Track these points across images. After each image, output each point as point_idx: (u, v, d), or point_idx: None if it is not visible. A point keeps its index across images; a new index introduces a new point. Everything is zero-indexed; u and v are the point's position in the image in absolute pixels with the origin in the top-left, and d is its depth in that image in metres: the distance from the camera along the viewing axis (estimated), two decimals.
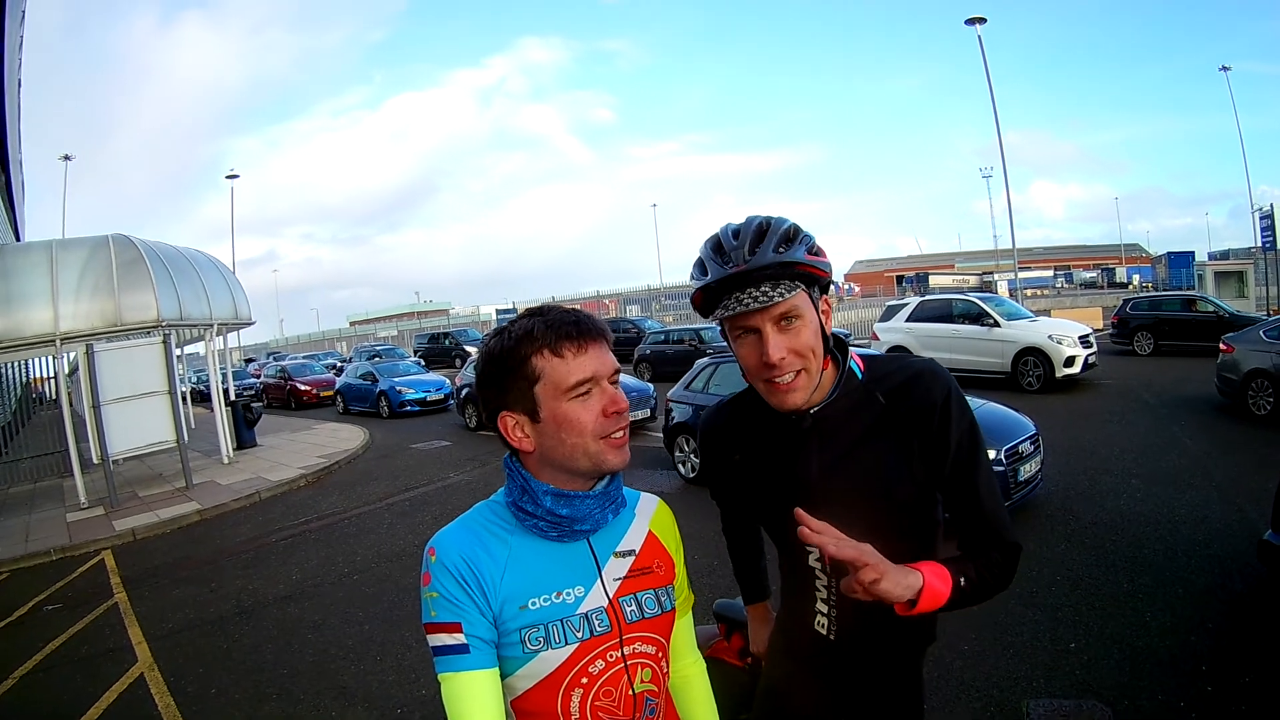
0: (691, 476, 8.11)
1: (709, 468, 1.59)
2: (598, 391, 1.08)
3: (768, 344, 1.23)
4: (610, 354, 1.11)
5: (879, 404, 1.32)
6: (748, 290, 1.22)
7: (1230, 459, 6.97)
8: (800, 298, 1.24)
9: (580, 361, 1.07)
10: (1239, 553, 4.65)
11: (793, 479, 1.36)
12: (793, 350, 1.24)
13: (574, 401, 1.07)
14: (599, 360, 1.08)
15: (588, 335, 1.08)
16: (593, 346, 1.08)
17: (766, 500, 1.43)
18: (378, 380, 17.80)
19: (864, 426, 1.32)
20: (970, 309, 13.39)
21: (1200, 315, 15.13)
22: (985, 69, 24.80)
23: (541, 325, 1.08)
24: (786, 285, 1.22)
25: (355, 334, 58.19)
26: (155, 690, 4.18)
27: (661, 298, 40.38)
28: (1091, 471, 6.94)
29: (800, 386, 1.26)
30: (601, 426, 1.07)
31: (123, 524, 8.32)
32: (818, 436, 1.34)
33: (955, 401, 1.29)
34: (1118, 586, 4.40)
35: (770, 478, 1.40)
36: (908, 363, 1.37)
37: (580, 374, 1.06)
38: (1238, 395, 8.98)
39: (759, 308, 1.21)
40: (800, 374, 1.26)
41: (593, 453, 1.08)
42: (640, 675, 1.15)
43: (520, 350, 1.08)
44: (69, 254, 10.13)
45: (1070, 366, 11.70)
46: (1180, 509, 5.65)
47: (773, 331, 1.23)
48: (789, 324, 1.24)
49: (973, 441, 1.30)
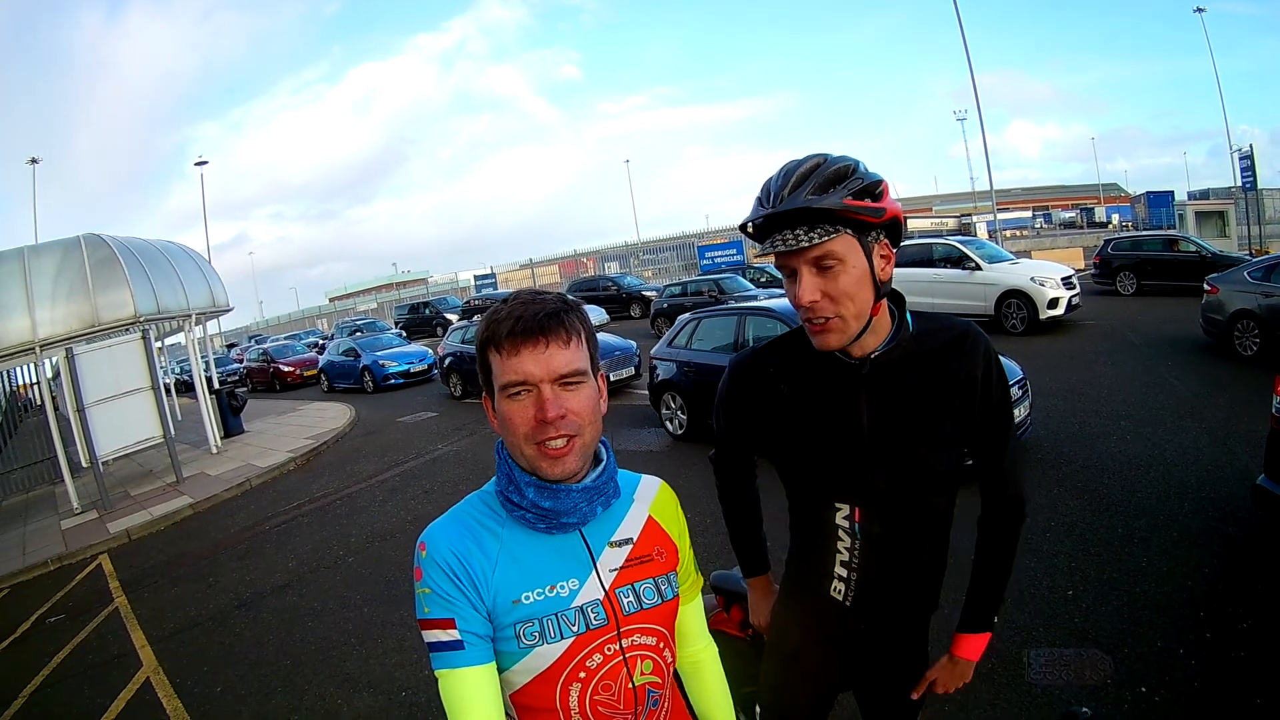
0: (679, 433, 8.03)
1: (743, 410, 1.50)
2: (532, 396, 1.02)
3: (800, 285, 1.24)
4: (560, 355, 1.02)
5: (926, 359, 1.34)
6: (784, 232, 1.23)
7: (1219, 399, 7.02)
8: (841, 242, 1.22)
9: (513, 363, 1.01)
10: (1232, 495, 4.68)
11: (842, 423, 1.35)
12: (826, 294, 1.23)
13: (509, 401, 1.03)
14: (535, 362, 1.01)
15: (524, 335, 1.01)
16: (530, 348, 1.01)
17: (808, 440, 1.40)
18: (360, 355, 17.60)
19: (912, 379, 1.33)
20: (951, 252, 13.33)
21: (1183, 255, 15.17)
22: (956, 9, 24.48)
23: (491, 317, 1.05)
24: (825, 229, 1.21)
25: (335, 310, 57.50)
26: (163, 694, 4.17)
27: (640, 253, 39.78)
28: (1080, 414, 6.98)
29: (834, 329, 1.26)
30: (532, 432, 1.02)
31: (117, 526, 8.25)
32: (871, 383, 1.33)
33: (995, 365, 1.35)
34: (1113, 532, 4.43)
35: (817, 418, 1.38)
36: (952, 321, 1.39)
37: (511, 375, 1.02)
38: (1224, 335, 9.04)
39: (790, 250, 1.22)
40: (835, 319, 1.25)
41: (528, 456, 1.04)
42: (640, 667, 1.12)
43: (479, 338, 1.06)
44: (41, 259, 9.91)
45: (1054, 308, 11.73)
46: (1171, 451, 5.69)
47: (808, 274, 1.24)
48: (825, 268, 1.22)
49: (1006, 403, 1.36)
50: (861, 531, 1.38)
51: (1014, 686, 3.07)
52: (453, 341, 14.15)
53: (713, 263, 29.56)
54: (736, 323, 7.77)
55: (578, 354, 1.04)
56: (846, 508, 1.38)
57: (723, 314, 8.28)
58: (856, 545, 1.39)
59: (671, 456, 7.31)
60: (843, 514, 1.39)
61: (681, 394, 7.98)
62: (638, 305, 23.54)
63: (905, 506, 1.36)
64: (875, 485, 1.35)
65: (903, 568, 1.40)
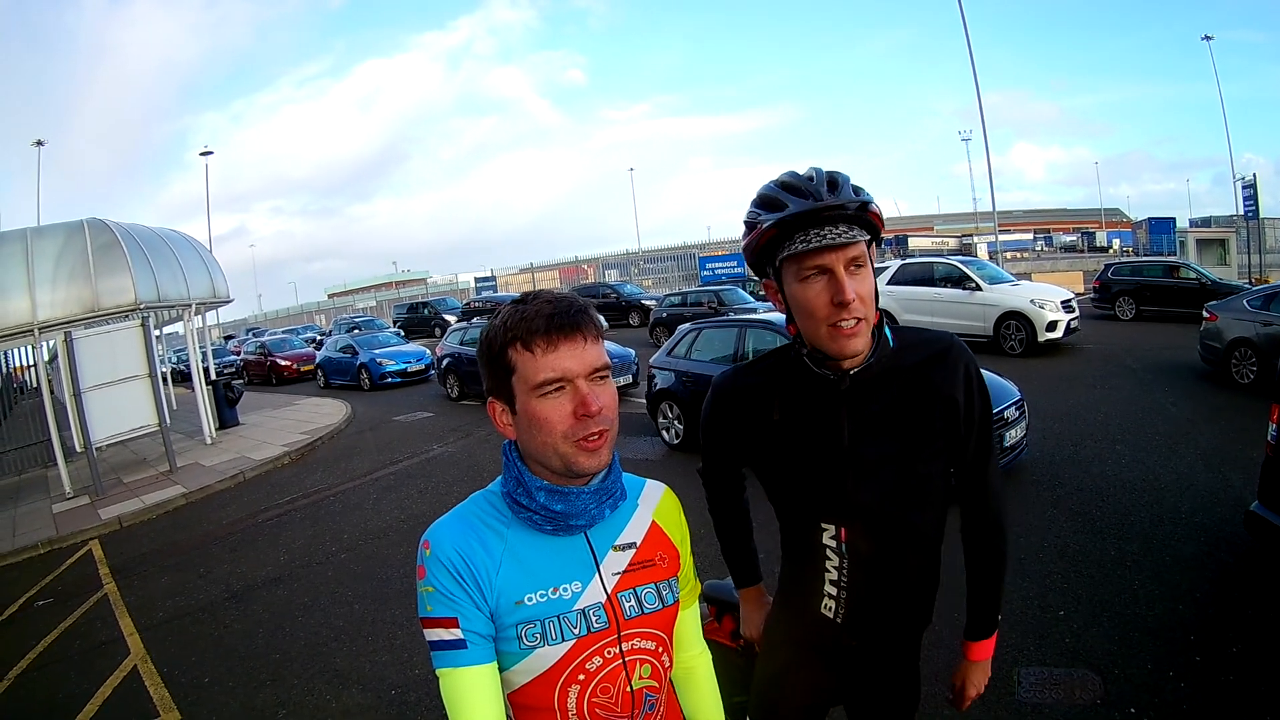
0: (676, 443, 8.07)
1: (727, 431, 1.50)
2: (569, 391, 1.01)
3: (843, 283, 1.21)
4: (593, 349, 1.03)
5: (906, 374, 1.33)
6: (826, 228, 1.21)
7: (1215, 426, 7.04)
8: (865, 246, 1.24)
9: (549, 359, 1.00)
10: (1225, 521, 4.70)
11: (823, 441, 1.35)
12: (859, 295, 1.23)
13: (543, 400, 1.01)
14: (573, 358, 1.01)
15: (561, 331, 1.00)
16: (566, 343, 1.01)
17: (794, 462, 1.39)
18: (358, 353, 17.58)
19: (893, 395, 1.32)
20: (952, 272, 13.41)
21: (1183, 282, 15.24)
22: (965, 30, 24.74)
23: (517, 316, 1.03)
24: (860, 229, 1.22)
25: (334, 306, 57.52)
26: (150, 682, 4.14)
27: (640, 261, 39.85)
28: (1076, 437, 7.00)
29: (861, 333, 1.26)
30: (571, 429, 1.01)
31: (109, 512, 8.22)
32: (851, 399, 1.32)
33: (977, 380, 1.34)
34: (1105, 554, 4.45)
35: (799, 436, 1.37)
36: (934, 336, 1.39)
37: (547, 373, 1.00)
38: (1221, 363, 9.08)
39: (838, 244, 1.20)
40: (863, 322, 1.25)
41: (563, 453, 1.02)
42: (639, 671, 1.12)
43: (499, 339, 1.04)
44: (44, 241, 9.92)
45: (1053, 331, 11.79)
46: (1166, 476, 5.71)
47: (844, 273, 1.22)
48: (858, 269, 1.24)
49: (987, 420, 1.36)
50: (849, 550, 1.38)
51: (1004, 705, 3.07)
52: (451, 343, 14.13)
53: (713, 274, 29.67)
54: (737, 334, 7.78)
55: (603, 350, 1.06)
56: (832, 528, 1.38)
57: (723, 325, 8.30)
58: (845, 564, 1.39)
59: (667, 465, 7.37)
60: (829, 534, 1.39)
61: (679, 404, 7.99)
62: (636, 314, 23.60)
63: (890, 523, 1.35)
64: (859, 503, 1.34)
65: (892, 584, 1.40)
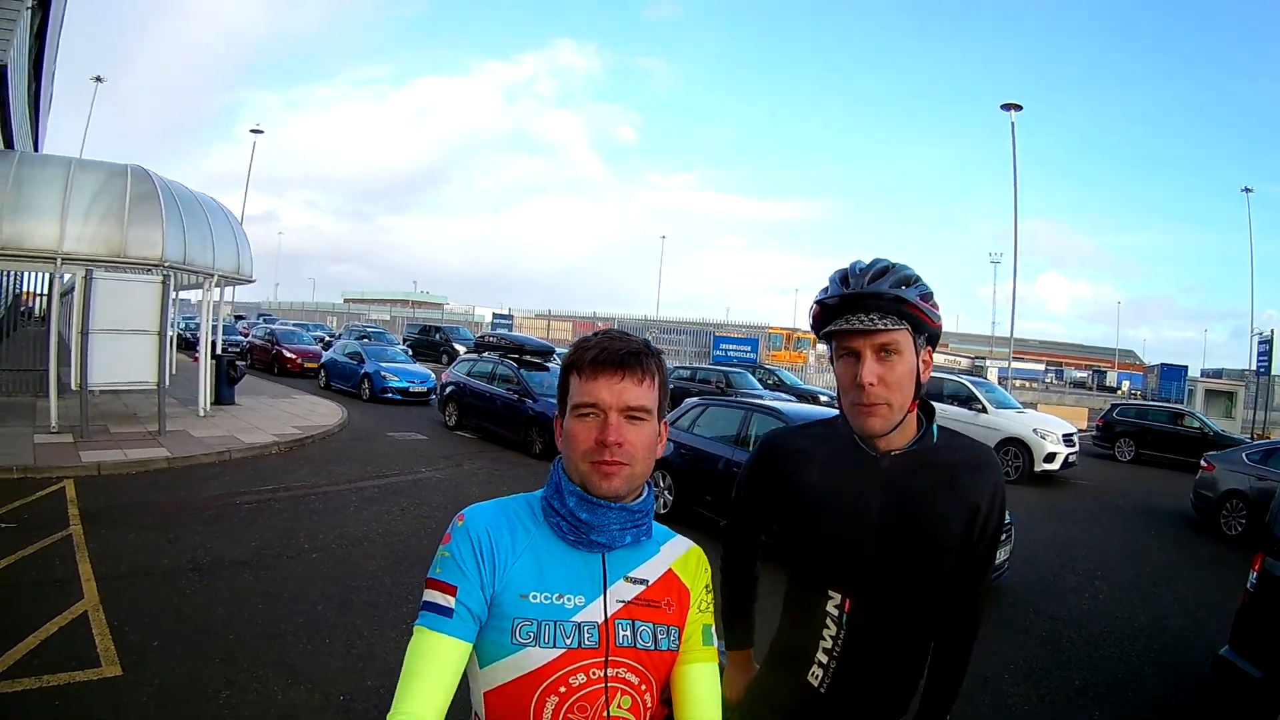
0: (663, 512, 7.93)
1: (766, 487, 1.58)
2: (599, 418, 1.13)
3: (863, 366, 1.34)
4: (632, 389, 1.13)
5: (944, 469, 1.42)
6: (858, 315, 1.34)
7: (1196, 573, 7.06)
8: (903, 335, 1.35)
9: (588, 386, 1.13)
10: (1193, 664, 4.72)
11: (852, 510, 1.43)
12: (883, 380, 1.33)
13: (577, 420, 1.14)
14: (609, 390, 1.12)
15: (603, 365, 1.13)
16: (605, 376, 1.13)
17: (819, 524, 1.47)
18: (364, 361, 17.61)
19: (928, 486, 1.40)
20: (961, 391, 13.57)
21: (1185, 430, 15.37)
22: (1013, 158, 25.38)
23: (581, 345, 1.18)
24: (893, 320, 1.33)
25: (348, 311, 57.99)
26: (97, 631, 4.10)
27: (656, 329, 39.82)
28: (1058, 568, 6.99)
29: (881, 415, 1.35)
30: (591, 450, 1.12)
31: (89, 456, 8.20)
32: (889, 479, 1.42)
33: (1000, 497, 1.43)
34: (1069, 683, 4.42)
35: (831, 502, 1.45)
36: (975, 444, 1.49)
37: (583, 397, 1.14)
38: (1211, 513, 9.12)
39: (862, 329, 1.33)
40: (883, 405, 1.35)
41: (582, 471, 1.13)
42: (619, 700, 1.13)
43: (566, 361, 1.20)
44: (86, 175, 10.08)
45: (1050, 463, 11.88)
46: (1140, 616, 5.70)
47: (870, 357, 1.34)
48: (887, 356, 1.34)
49: (998, 536, 1.45)
50: (849, 622, 1.43)
51: None
52: (458, 372, 14.13)
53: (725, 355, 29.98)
54: (743, 417, 7.72)
55: (649, 394, 1.16)
56: (839, 596, 1.43)
57: (731, 406, 8.33)
58: (841, 634, 1.44)
59: None
60: (834, 602, 1.44)
61: (673, 474, 7.90)
62: None
63: (895, 604, 1.41)
64: (872, 577, 1.40)
65: (881, 664, 1.44)
